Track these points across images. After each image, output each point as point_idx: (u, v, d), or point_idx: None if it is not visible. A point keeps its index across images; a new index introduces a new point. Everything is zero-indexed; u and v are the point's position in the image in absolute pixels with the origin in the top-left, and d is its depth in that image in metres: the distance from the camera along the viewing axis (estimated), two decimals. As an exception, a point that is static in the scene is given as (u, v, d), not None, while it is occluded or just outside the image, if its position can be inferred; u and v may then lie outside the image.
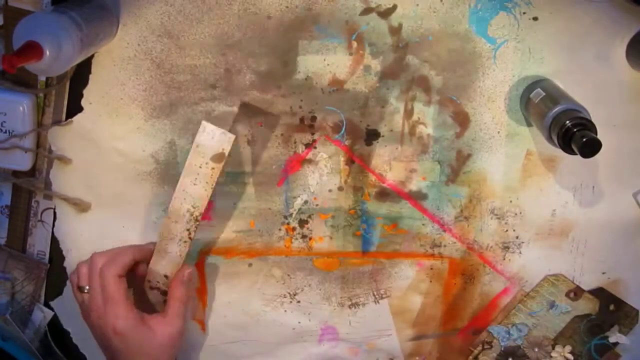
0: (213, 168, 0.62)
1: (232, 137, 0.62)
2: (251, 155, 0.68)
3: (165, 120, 0.67)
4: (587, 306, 0.72)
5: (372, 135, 0.67)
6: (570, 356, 0.73)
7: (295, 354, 0.75)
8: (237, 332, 0.74)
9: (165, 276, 0.66)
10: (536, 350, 0.73)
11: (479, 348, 0.74)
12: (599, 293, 0.72)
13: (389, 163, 0.68)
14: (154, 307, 0.67)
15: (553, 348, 0.73)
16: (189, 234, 0.64)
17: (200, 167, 0.62)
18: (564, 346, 0.73)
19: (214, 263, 0.72)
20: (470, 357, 0.74)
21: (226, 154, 0.62)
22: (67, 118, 0.67)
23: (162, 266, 0.65)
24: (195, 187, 0.63)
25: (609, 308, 0.72)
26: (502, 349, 0.74)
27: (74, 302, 0.73)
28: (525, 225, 0.70)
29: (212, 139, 0.62)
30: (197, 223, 0.64)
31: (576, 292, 0.72)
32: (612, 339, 0.73)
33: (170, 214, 0.64)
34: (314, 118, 0.67)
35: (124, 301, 0.62)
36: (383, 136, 0.67)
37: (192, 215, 0.64)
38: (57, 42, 0.53)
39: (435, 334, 0.74)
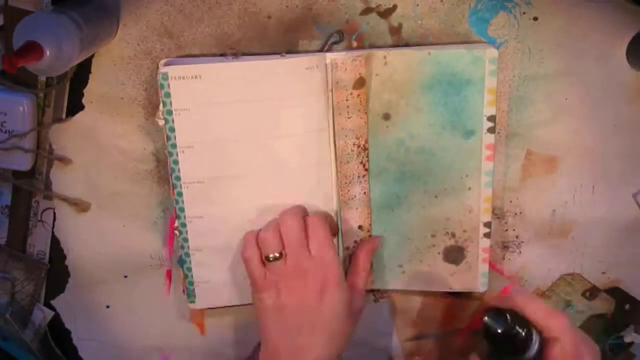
0: (359, 95, 0.63)
1: (362, 59, 0.63)
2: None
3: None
4: (602, 306, 0.72)
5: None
6: None
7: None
8: (237, 334, 0.74)
9: (360, 227, 0.67)
10: None
11: None
12: (615, 293, 0.72)
13: None
14: None
15: None
16: (364, 165, 0.65)
17: (346, 99, 0.63)
18: None
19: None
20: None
21: (364, 76, 0.63)
22: (67, 117, 0.67)
23: (353, 217, 0.67)
24: (351, 119, 0.64)
25: (624, 308, 0.72)
26: None
27: (76, 302, 0.73)
28: (525, 225, 0.70)
29: (346, 70, 0.63)
30: (366, 151, 0.65)
31: (592, 292, 0.72)
32: (627, 339, 0.73)
33: (339, 157, 0.65)
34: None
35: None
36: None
37: (359, 146, 0.65)
38: (57, 42, 0.53)
39: (435, 334, 0.74)
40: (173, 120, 0.63)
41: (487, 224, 0.68)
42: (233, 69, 0.62)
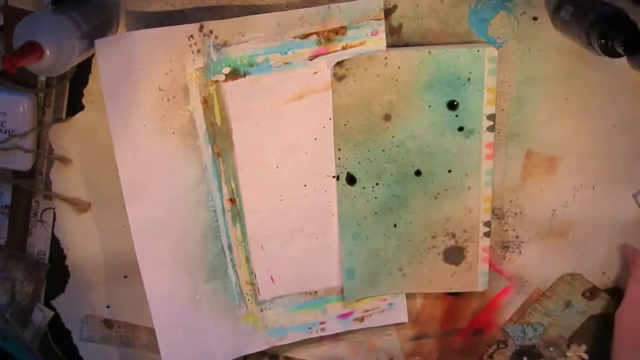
0: None
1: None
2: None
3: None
4: (602, 306, 0.72)
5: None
6: (585, 356, 0.73)
7: (296, 354, 0.75)
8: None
9: None
10: (551, 349, 0.73)
11: (494, 347, 0.74)
12: (615, 293, 0.72)
13: None
14: None
15: (568, 347, 0.73)
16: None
17: None
18: (579, 345, 0.73)
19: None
20: (485, 356, 0.74)
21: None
22: (67, 117, 0.67)
23: None
24: None
25: None
26: (517, 348, 0.74)
27: (75, 302, 0.73)
28: (525, 225, 0.70)
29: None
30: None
31: (592, 292, 0.72)
32: None
33: None
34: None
35: None
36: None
37: None
38: (57, 42, 0.53)
39: (435, 334, 0.74)
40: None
41: (487, 223, 0.68)
42: None
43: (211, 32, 0.61)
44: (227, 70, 0.63)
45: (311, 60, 0.63)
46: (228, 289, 0.69)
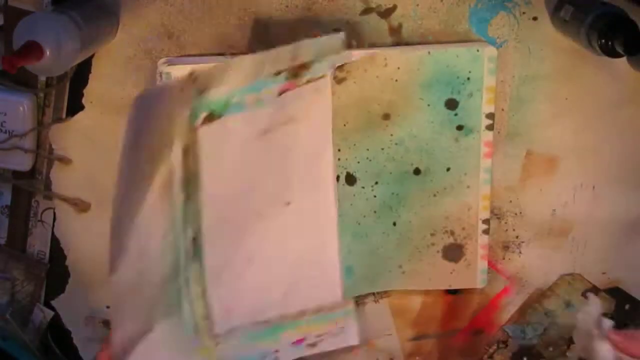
0: None
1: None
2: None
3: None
4: (602, 306, 0.72)
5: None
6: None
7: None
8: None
9: None
10: (551, 349, 0.73)
11: (494, 347, 0.74)
12: (615, 293, 0.72)
13: None
14: None
15: (568, 347, 0.73)
16: None
17: None
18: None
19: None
20: (486, 356, 0.74)
21: None
22: (67, 117, 0.67)
23: None
24: None
25: (624, 308, 0.72)
26: (517, 348, 0.74)
27: (76, 302, 0.73)
28: (525, 225, 0.70)
29: None
30: None
31: (592, 292, 0.72)
32: None
33: None
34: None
35: None
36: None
37: None
38: (57, 42, 0.53)
39: (435, 334, 0.74)
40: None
41: (486, 221, 0.68)
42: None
43: (196, 79, 0.59)
44: (204, 114, 0.58)
45: (279, 95, 0.61)
46: (183, 325, 0.66)
